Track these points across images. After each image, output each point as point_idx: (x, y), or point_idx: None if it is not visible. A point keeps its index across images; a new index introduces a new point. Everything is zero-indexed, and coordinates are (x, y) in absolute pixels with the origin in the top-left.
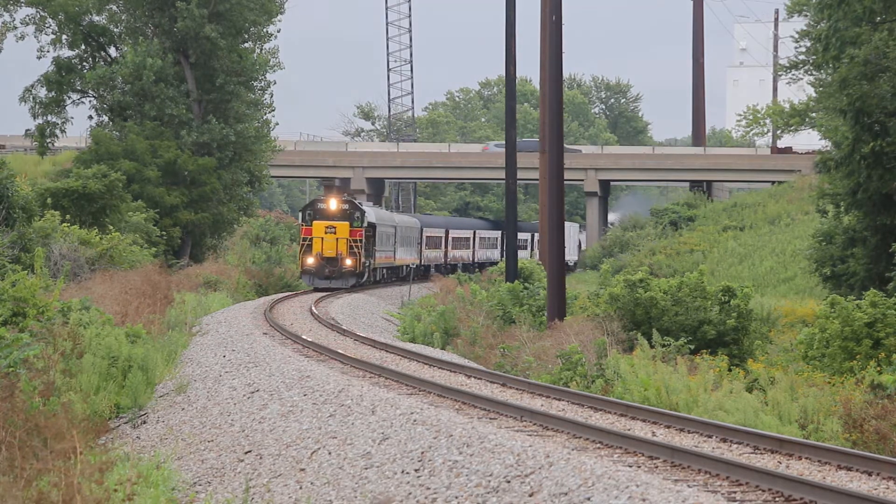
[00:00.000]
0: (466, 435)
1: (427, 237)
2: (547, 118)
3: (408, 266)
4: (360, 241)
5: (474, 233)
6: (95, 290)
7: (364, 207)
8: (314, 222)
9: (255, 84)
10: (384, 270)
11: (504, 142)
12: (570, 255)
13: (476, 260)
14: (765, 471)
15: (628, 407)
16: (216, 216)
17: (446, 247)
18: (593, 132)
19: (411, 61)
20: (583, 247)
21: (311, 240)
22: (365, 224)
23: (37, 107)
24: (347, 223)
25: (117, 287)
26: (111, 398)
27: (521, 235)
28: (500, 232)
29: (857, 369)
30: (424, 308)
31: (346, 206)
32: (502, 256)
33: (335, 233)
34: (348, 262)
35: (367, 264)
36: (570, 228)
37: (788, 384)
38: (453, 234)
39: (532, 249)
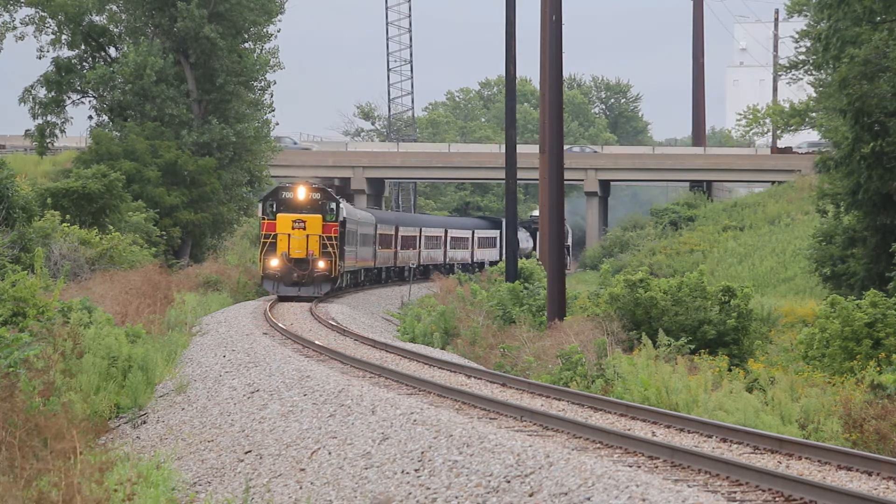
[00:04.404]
0: (466, 435)
1: (381, 234)
2: (547, 118)
3: (365, 269)
4: (335, 238)
5: (420, 230)
6: (95, 290)
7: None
8: (278, 215)
9: (255, 84)
10: (348, 275)
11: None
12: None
13: (421, 262)
14: (765, 471)
15: (628, 407)
16: (216, 216)
17: (395, 246)
18: (593, 132)
19: (411, 61)
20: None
21: (274, 237)
22: (341, 218)
23: (36, 107)
24: (320, 216)
25: (117, 287)
26: (111, 398)
27: (461, 234)
28: (443, 230)
29: (857, 369)
30: (424, 308)
31: (317, 196)
32: (445, 258)
33: (305, 228)
34: (321, 264)
35: (341, 267)
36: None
37: (788, 384)
38: (402, 231)
39: (501, 247)
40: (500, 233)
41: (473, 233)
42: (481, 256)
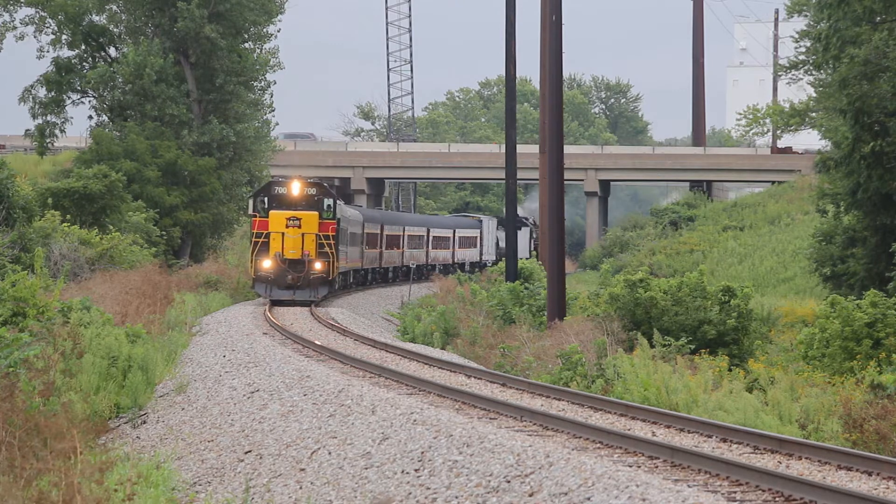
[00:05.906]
0: (466, 435)
1: (367, 234)
2: (547, 118)
3: (354, 271)
4: (333, 237)
5: (403, 229)
6: (95, 290)
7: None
8: (271, 212)
9: (255, 84)
10: (340, 277)
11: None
12: (488, 255)
13: (404, 262)
14: (765, 471)
15: (628, 407)
16: (216, 216)
17: (381, 246)
18: (593, 132)
19: (411, 61)
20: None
21: (266, 236)
22: (338, 216)
23: (36, 107)
24: (316, 213)
25: (117, 287)
26: (111, 398)
27: (443, 233)
28: (425, 229)
29: (858, 369)
30: (424, 308)
31: (313, 192)
32: (427, 258)
33: (300, 226)
34: (318, 265)
35: (337, 269)
36: (489, 223)
37: (788, 384)
38: (387, 230)
39: (482, 246)
40: (480, 232)
41: (454, 232)
42: (462, 256)
